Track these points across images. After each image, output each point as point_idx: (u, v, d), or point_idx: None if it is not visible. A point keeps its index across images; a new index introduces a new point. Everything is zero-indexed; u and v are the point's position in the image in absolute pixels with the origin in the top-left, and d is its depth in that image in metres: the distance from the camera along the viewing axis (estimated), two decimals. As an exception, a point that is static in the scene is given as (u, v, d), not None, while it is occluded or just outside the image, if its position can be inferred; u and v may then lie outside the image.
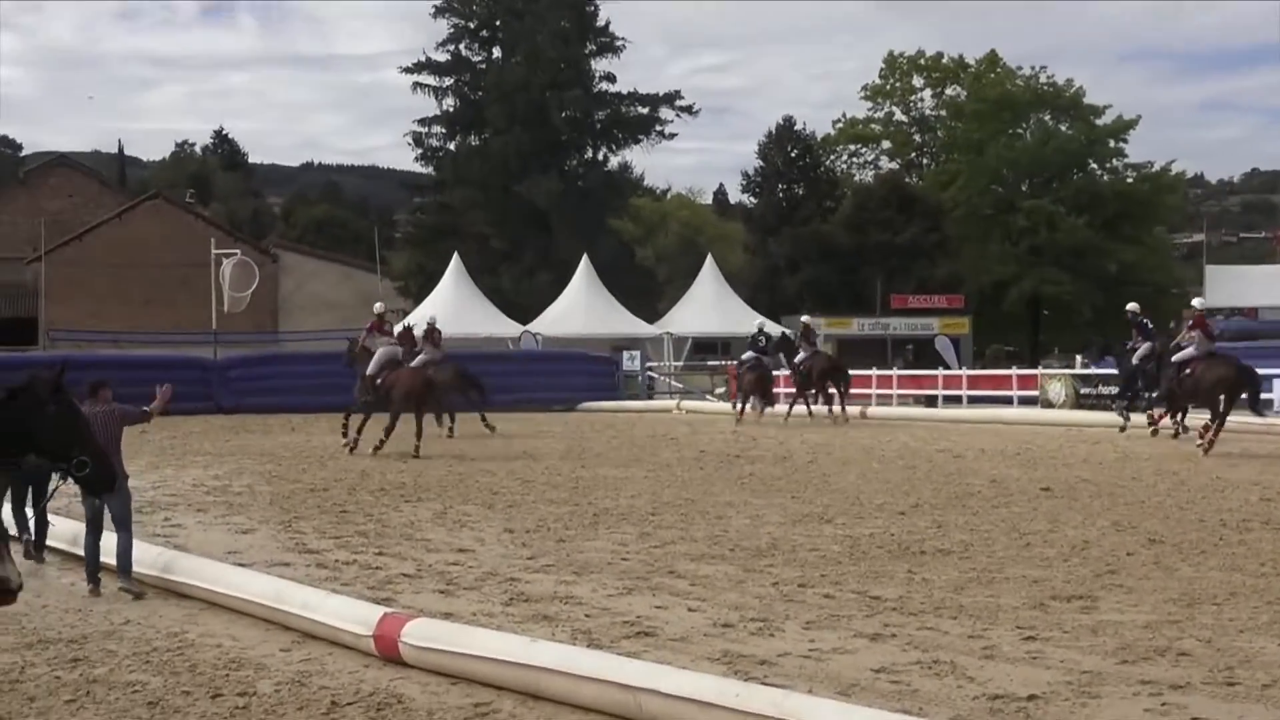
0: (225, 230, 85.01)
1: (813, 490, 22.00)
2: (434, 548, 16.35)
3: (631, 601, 12.91)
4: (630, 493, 21.82)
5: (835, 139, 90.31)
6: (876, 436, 34.39)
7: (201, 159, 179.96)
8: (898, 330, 70.00)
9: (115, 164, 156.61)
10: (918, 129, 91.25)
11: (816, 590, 13.33)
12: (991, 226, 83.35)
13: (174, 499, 21.45)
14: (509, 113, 79.54)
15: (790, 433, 35.81)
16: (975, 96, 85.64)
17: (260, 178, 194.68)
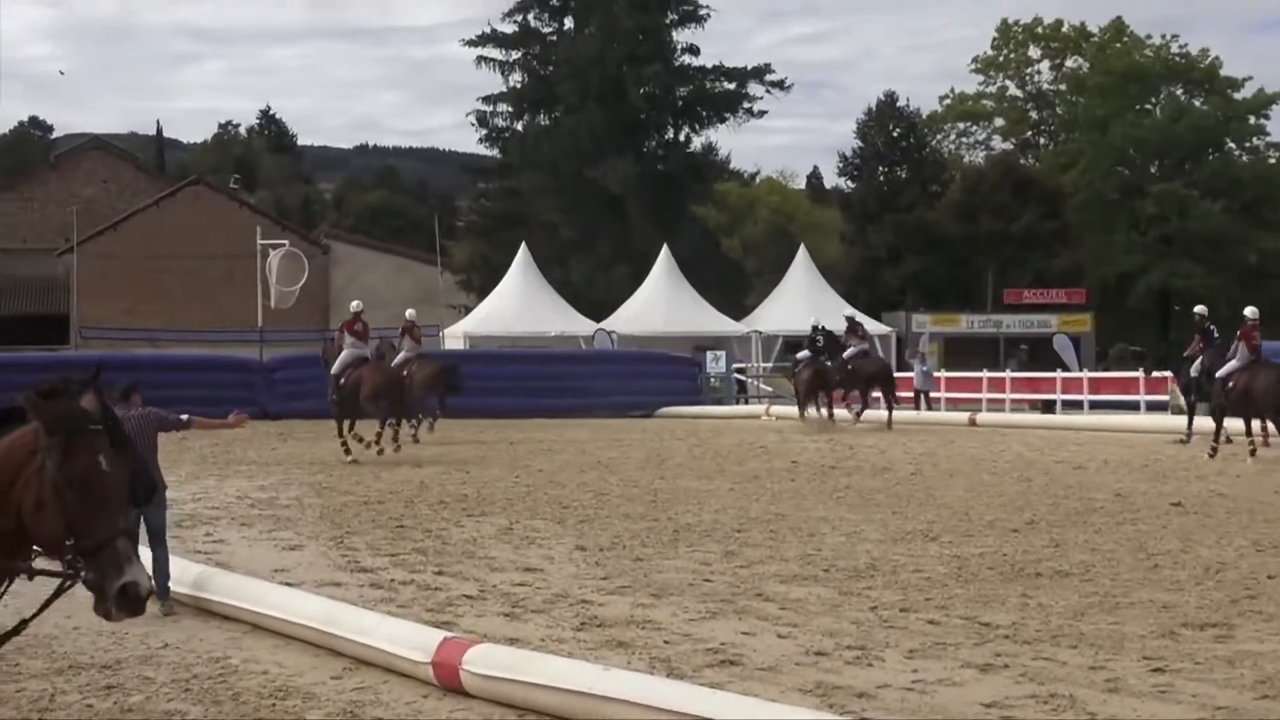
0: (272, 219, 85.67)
1: (916, 505, 21.91)
2: (499, 567, 16.40)
3: (715, 627, 12.90)
4: (714, 507, 21.80)
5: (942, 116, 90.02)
6: (988, 446, 34.20)
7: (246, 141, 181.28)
8: (1011, 328, 69.59)
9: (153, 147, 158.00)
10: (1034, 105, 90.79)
11: (920, 615, 13.28)
12: (1116, 213, 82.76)
13: (216, 512, 21.62)
14: (582, 89, 79.60)
15: (891, 441, 35.67)
16: (1099, 68, 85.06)
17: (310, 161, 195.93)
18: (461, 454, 31.96)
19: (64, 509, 6.41)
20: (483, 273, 78.89)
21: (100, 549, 6.41)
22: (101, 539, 6.41)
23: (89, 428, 6.64)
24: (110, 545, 6.41)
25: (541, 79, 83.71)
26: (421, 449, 33.75)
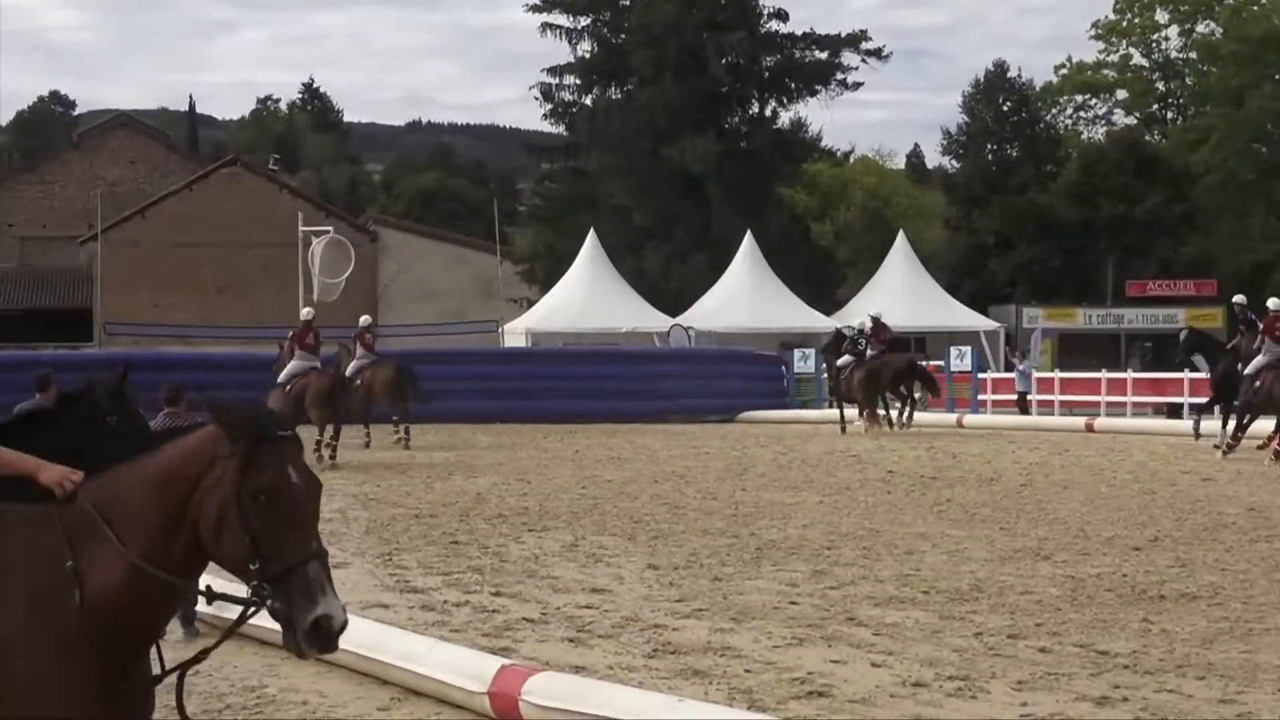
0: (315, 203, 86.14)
1: (1026, 520, 21.83)
2: (562, 587, 16.43)
3: (802, 654, 12.89)
4: (801, 521, 21.79)
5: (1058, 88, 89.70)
6: (1106, 454, 34.03)
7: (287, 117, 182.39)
8: (1134, 323, 69.30)
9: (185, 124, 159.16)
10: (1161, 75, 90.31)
11: (1030, 643, 13.24)
12: (1252, 196, 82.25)
13: (252, 526, 21.71)
14: (657, 59, 79.60)
15: (999, 449, 35.54)
16: (1233, 34, 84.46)
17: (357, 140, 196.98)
18: (522, 463, 32.05)
19: (247, 527, 6.27)
20: (547, 263, 79.15)
21: (290, 574, 6.27)
22: (291, 562, 6.27)
23: (278, 434, 6.50)
24: (301, 570, 6.27)
25: (613, 48, 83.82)
26: (478, 457, 33.85)
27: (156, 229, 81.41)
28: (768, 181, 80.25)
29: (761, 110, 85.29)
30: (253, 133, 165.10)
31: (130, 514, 6.49)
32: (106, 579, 6.38)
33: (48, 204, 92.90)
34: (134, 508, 6.49)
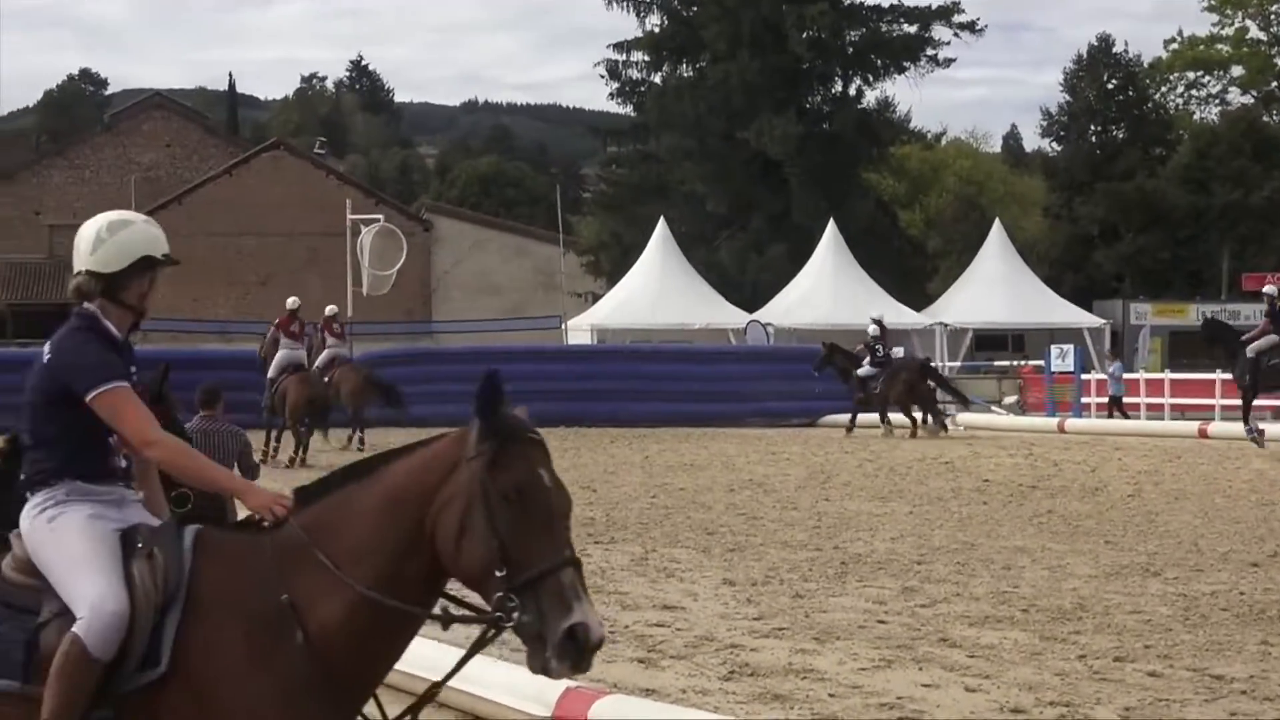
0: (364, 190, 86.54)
1: (1134, 533, 21.76)
2: (632, 604, 16.46)
3: (890, 677, 12.89)
4: (890, 534, 21.78)
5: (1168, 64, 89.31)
6: (1222, 463, 33.86)
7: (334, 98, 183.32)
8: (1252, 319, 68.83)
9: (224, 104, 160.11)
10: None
11: (1138, 666, 13.20)
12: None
13: (298, 537, 21.82)
14: (732, 34, 79.60)
15: (1104, 456, 35.42)
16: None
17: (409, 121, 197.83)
18: (587, 470, 32.09)
19: (495, 529, 6.27)
20: (613, 254, 79.26)
21: (540, 581, 6.23)
22: (543, 568, 6.24)
23: (528, 435, 6.58)
24: (554, 577, 6.24)
25: (684, 21, 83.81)
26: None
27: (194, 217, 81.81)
28: (852, 166, 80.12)
29: (845, 89, 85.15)
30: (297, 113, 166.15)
31: (353, 539, 6.52)
32: (329, 613, 6.43)
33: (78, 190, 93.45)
34: (358, 532, 6.52)
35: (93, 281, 7.12)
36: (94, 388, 6.86)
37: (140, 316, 7.28)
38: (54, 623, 6.61)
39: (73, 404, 6.93)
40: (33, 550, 6.83)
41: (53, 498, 6.87)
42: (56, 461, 6.96)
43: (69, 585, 6.61)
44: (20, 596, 6.77)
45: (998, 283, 63.20)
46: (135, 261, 7.17)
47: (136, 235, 7.26)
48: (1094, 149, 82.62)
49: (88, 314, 7.09)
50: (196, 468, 7.06)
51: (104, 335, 7.05)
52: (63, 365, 7.02)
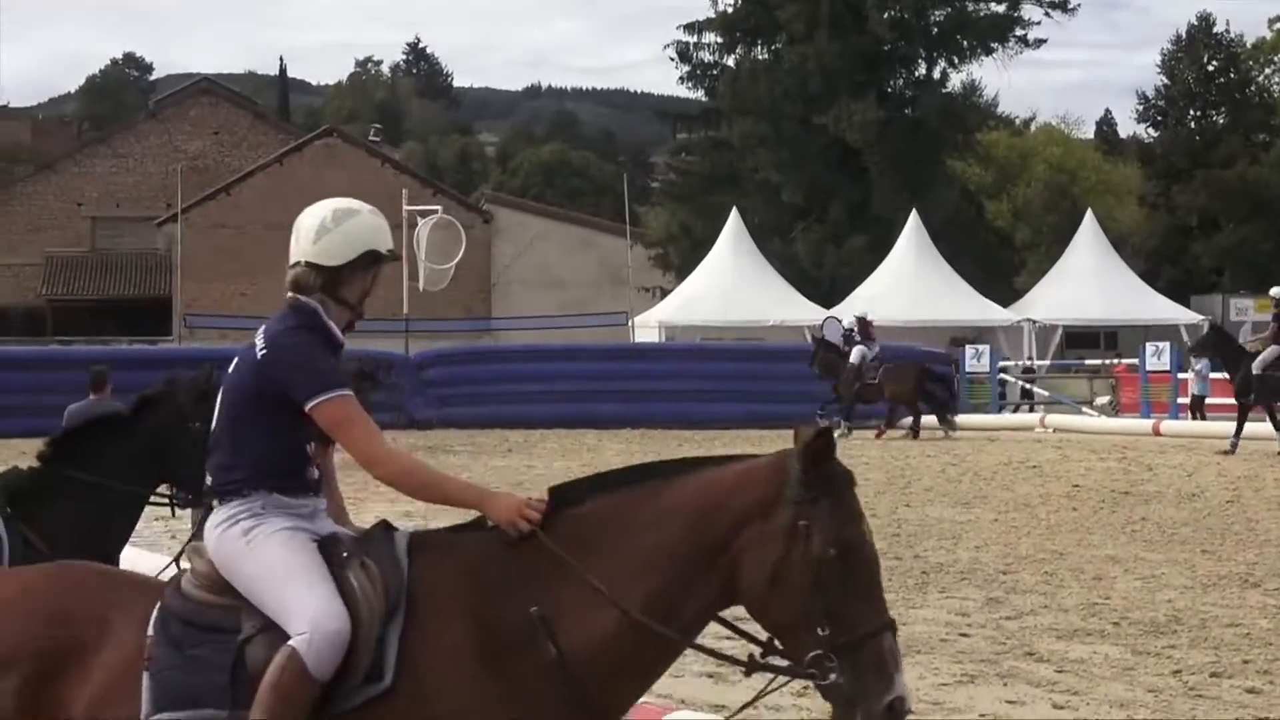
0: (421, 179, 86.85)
1: (1233, 542, 21.66)
2: (700, 615, 16.45)
3: (973, 693, 12.87)
4: (973, 542, 21.74)
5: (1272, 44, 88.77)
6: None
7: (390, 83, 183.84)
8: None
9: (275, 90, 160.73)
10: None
11: (1236, 682, 13.15)
12: None
13: (350, 544, 21.90)
14: (810, 14, 79.48)
15: (1200, 460, 35.27)
16: None
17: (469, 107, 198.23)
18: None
19: (819, 586, 6.14)
20: (683, 246, 79.24)
21: (862, 645, 6.16)
22: (866, 631, 6.18)
23: (853, 485, 6.46)
24: (875, 641, 6.19)
25: (759, 1, 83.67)
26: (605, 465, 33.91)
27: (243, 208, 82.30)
28: (936, 153, 79.90)
29: (929, 72, 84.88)
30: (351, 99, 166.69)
31: (625, 556, 6.37)
32: (588, 633, 6.30)
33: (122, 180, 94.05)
34: (632, 548, 6.38)
35: (313, 275, 6.88)
36: (317, 395, 6.66)
37: (358, 317, 7.02)
38: (259, 639, 6.45)
39: (283, 409, 6.73)
40: (227, 565, 6.65)
41: (248, 509, 6.69)
42: (251, 470, 6.75)
43: (280, 600, 6.45)
44: (211, 615, 6.57)
45: (1089, 277, 62.93)
46: (361, 255, 6.93)
47: (363, 226, 6.99)
48: (1193, 135, 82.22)
49: (309, 310, 6.83)
50: (431, 483, 6.91)
51: (326, 335, 6.83)
52: (281, 366, 6.72)
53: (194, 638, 6.44)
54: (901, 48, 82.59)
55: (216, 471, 6.75)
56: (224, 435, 6.79)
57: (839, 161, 78.66)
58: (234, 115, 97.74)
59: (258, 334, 6.75)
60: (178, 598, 6.59)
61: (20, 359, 45.44)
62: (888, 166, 76.54)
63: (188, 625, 6.47)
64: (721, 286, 61.96)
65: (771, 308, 60.94)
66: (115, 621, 6.52)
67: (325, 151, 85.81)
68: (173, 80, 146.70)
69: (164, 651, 6.39)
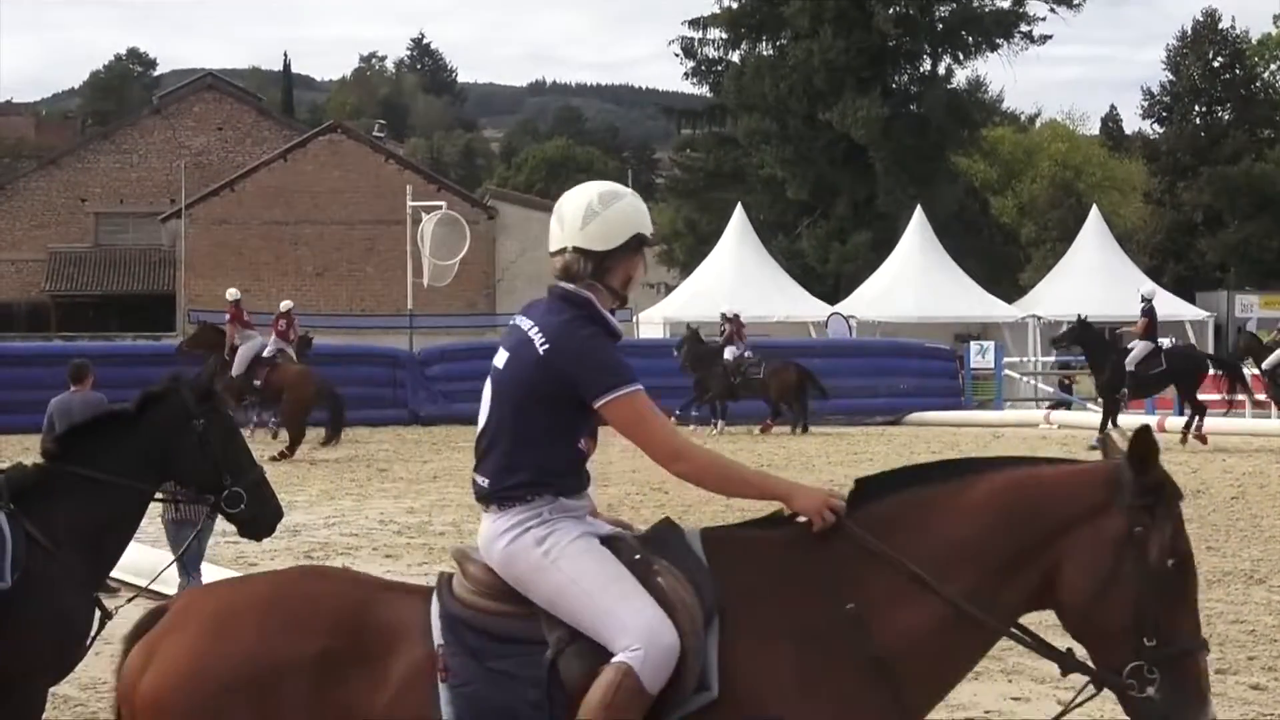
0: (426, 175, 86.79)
1: (1237, 539, 21.66)
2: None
3: (978, 690, 12.86)
4: (979, 539, 21.70)
5: (1277, 40, 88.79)
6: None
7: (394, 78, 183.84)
8: (1365, 312, 68.44)
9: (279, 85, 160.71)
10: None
11: (1240, 679, 13.15)
12: None
13: (355, 540, 21.95)
14: (814, 9, 79.36)
15: (1205, 457, 35.24)
16: None
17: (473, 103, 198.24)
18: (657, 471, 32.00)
19: (1153, 596, 6.14)
20: (688, 242, 79.28)
21: (1181, 661, 6.15)
22: (1188, 647, 6.18)
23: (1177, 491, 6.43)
24: (1193, 659, 6.19)
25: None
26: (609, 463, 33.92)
27: (247, 204, 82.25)
28: (940, 150, 79.86)
29: (934, 68, 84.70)
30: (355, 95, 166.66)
31: (944, 544, 6.30)
32: (906, 626, 6.23)
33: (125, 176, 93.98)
34: (951, 535, 6.31)
35: (582, 260, 6.63)
36: (610, 391, 6.57)
37: (622, 304, 6.86)
38: (571, 652, 6.28)
39: (567, 406, 6.58)
40: (523, 578, 6.43)
41: (536, 516, 6.48)
42: (535, 473, 6.54)
43: (597, 615, 6.26)
44: (506, 626, 6.40)
45: (1095, 273, 62.82)
46: (629, 239, 6.73)
47: (630, 209, 6.78)
48: (1198, 131, 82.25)
49: (583, 299, 6.61)
50: (733, 476, 6.79)
51: (607, 326, 6.68)
52: (568, 361, 6.52)
53: (494, 649, 6.32)
54: (906, 44, 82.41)
55: (496, 475, 6.53)
56: (502, 437, 6.57)
57: (844, 158, 78.56)
58: (238, 111, 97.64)
59: (527, 327, 6.58)
60: (458, 605, 6.43)
61: (23, 355, 45.41)
62: (892, 163, 76.47)
63: (483, 635, 6.35)
64: (726, 283, 61.80)
65: (776, 304, 60.82)
66: (392, 626, 6.38)
67: (329, 147, 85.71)
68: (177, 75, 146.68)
69: (461, 663, 6.26)
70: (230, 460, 9.51)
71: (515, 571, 6.44)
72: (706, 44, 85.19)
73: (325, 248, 78.88)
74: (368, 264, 74.91)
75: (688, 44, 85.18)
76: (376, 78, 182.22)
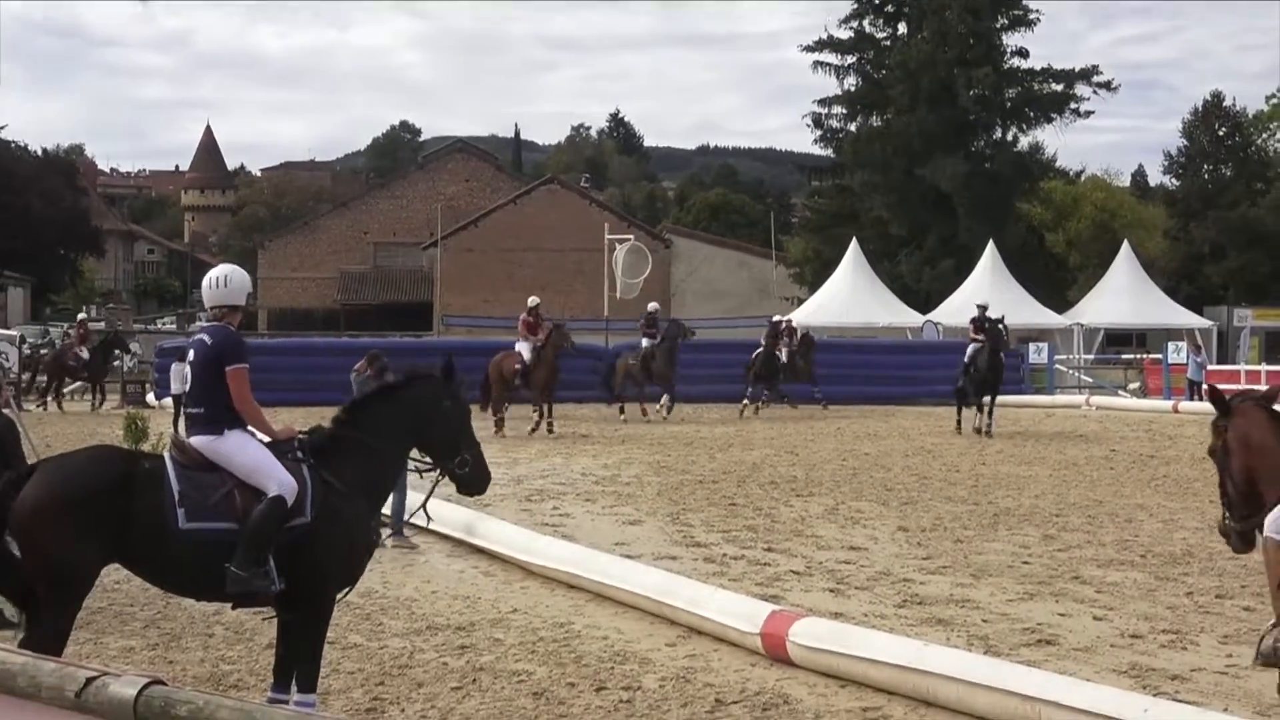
0: (619, 215, 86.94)
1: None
2: (825, 545, 16.40)
3: (1032, 608, 12.73)
4: (1034, 492, 21.49)
5: (1269, 115, 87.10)
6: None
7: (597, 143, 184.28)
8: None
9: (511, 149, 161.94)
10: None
11: (1236, 602, 12.93)
12: None
13: (562, 488, 22.03)
14: (913, 91, 78.87)
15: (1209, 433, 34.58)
16: None
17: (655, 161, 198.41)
18: (791, 438, 32.01)
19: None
20: (815, 266, 78.80)
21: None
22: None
23: None
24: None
25: (875, 82, 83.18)
26: (754, 432, 33.86)
27: (486, 237, 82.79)
28: (1008, 197, 79.01)
29: (1004, 135, 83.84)
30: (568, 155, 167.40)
31: None
32: None
33: (396, 215, 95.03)
34: None
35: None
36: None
37: None
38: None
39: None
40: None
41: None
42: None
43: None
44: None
45: (1125, 292, 62.13)
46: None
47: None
48: (1206, 184, 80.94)
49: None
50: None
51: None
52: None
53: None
54: (983, 117, 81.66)
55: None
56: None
57: (934, 203, 77.93)
58: (480, 168, 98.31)
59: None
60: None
61: (322, 347, 46.02)
62: (971, 207, 75.82)
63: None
64: (843, 297, 61.62)
65: (881, 313, 60.57)
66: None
67: (548, 195, 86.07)
68: (436, 141, 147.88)
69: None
70: (465, 434, 9.50)
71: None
72: (831, 117, 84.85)
73: (544, 269, 79.11)
74: (576, 282, 75.00)
75: (817, 117, 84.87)
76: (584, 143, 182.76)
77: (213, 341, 8.86)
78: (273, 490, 8.53)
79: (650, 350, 38.43)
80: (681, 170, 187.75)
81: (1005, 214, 76.71)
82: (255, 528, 8.44)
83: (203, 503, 8.49)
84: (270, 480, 8.56)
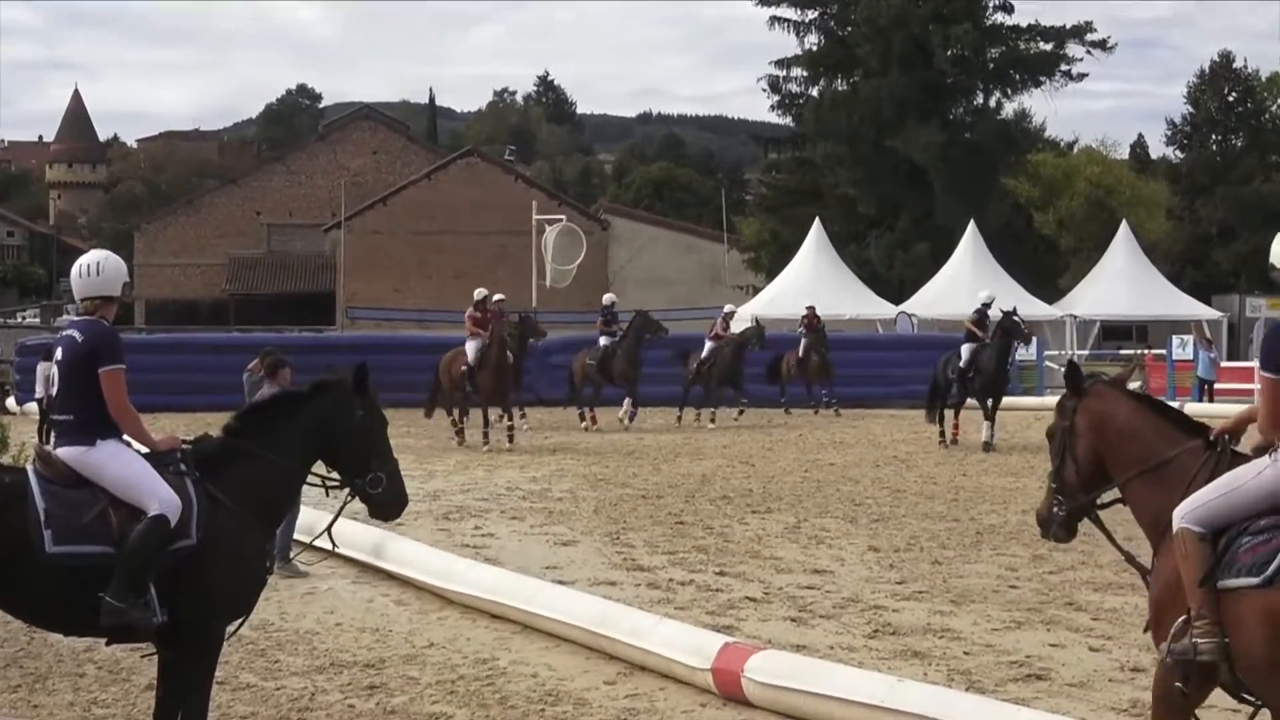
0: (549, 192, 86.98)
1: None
2: (785, 568, 16.43)
3: (1020, 638, 12.79)
4: (1021, 506, 21.55)
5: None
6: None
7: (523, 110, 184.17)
8: (1358, 314, 67.62)
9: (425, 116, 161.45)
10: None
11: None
12: None
13: (485, 504, 21.98)
14: (883, 51, 79.06)
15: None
16: None
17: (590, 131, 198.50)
18: (746, 446, 32.06)
19: None
20: (772, 250, 78.96)
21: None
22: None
23: None
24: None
25: (839, 41, 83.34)
26: (704, 440, 33.89)
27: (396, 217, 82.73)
28: (991, 171, 79.29)
29: (986, 101, 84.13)
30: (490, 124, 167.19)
31: None
32: None
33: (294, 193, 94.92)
34: None
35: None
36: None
37: None
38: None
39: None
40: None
41: None
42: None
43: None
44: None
45: (1123, 278, 62.43)
46: None
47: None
48: (1214, 156, 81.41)
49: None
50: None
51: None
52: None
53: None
54: (962, 81, 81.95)
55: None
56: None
57: (907, 178, 78.16)
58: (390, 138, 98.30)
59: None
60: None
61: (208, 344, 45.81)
62: (949, 183, 76.04)
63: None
64: (805, 285, 61.62)
65: (849, 304, 60.68)
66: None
67: (467, 169, 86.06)
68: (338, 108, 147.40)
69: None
70: (380, 449, 9.40)
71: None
72: (790, 81, 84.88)
73: (462, 254, 79.05)
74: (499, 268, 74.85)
75: (774, 81, 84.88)
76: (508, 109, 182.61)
77: (84, 338, 8.76)
78: (153, 509, 8.43)
79: (611, 348, 38.16)
80: (620, 141, 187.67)
81: (988, 191, 77.00)
82: (133, 552, 8.36)
83: (72, 523, 8.40)
84: (150, 497, 8.47)
